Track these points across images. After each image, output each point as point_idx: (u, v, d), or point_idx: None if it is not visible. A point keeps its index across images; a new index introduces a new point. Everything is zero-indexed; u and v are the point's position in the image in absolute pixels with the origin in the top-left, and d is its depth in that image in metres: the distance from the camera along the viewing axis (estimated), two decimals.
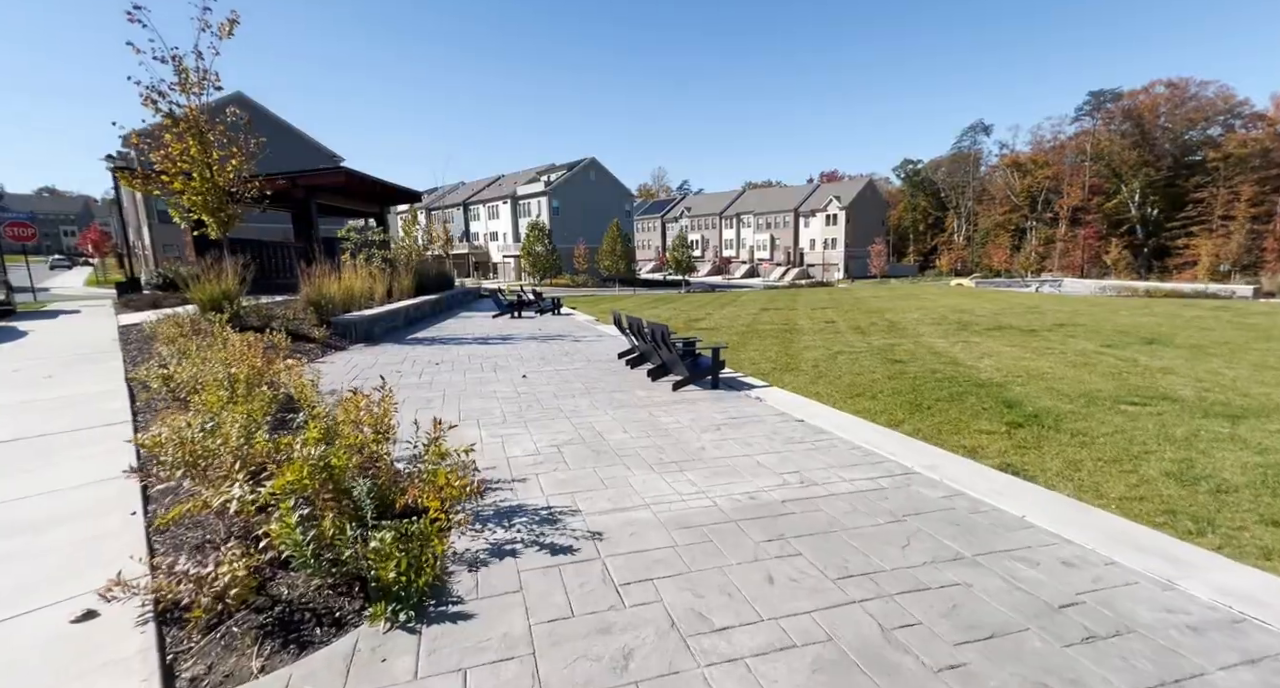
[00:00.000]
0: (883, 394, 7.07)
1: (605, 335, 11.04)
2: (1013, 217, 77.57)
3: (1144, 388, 6.96)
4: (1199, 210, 61.90)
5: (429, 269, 18.73)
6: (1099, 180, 69.95)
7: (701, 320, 17.05)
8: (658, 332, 6.39)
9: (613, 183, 62.65)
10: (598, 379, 6.82)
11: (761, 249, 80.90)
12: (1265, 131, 60.62)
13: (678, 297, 33.40)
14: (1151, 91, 68.01)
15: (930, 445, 4.24)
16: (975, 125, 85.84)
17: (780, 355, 10.17)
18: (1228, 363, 8.79)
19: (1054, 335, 12.41)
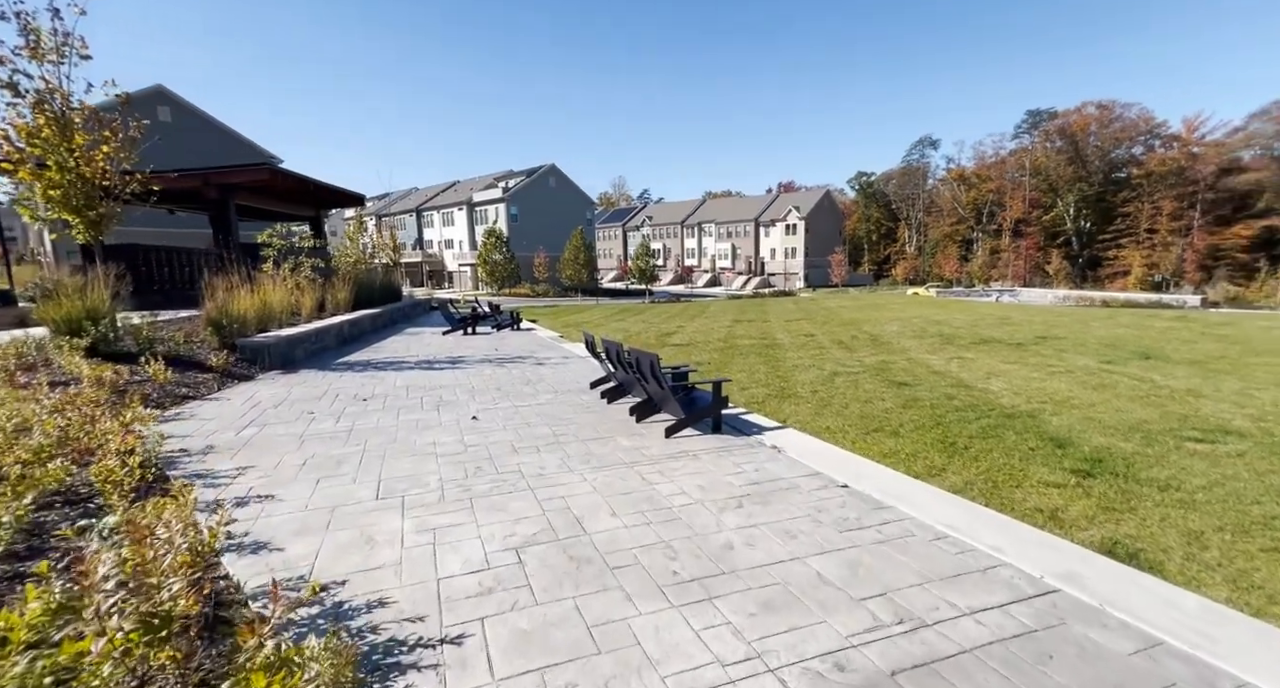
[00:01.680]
0: (905, 429, 6.01)
1: (573, 356, 9.67)
2: (960, 228, 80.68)
3: (1193, 418, 6.16)
4: (1127, 224, 65.82)
5: (372, 279, 16.84)
6: (1038, 194, 73.58)
7: (674, 334, 15.89)
8: (645, 362, 5.10)
9: (573, 190, 61.30)
10: (568, 420, 5.46)
11: (723, 258, 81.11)
12: (1180, 151, 65.15)
13: (643, 307, 32.27)
14: (1083, 112, 72.23)
15: (1032, 529, 3.11)
16: (923, 140, 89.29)
17: (771, 377, 9.06)
18: (1244, 381, 8.25)
19: (1044, 350, 11.86)
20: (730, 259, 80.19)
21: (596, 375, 7.76)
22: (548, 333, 13.70)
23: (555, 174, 59.75)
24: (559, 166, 59.83)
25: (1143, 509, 3.93)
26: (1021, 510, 3.95)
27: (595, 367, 8.43)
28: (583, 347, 10.37)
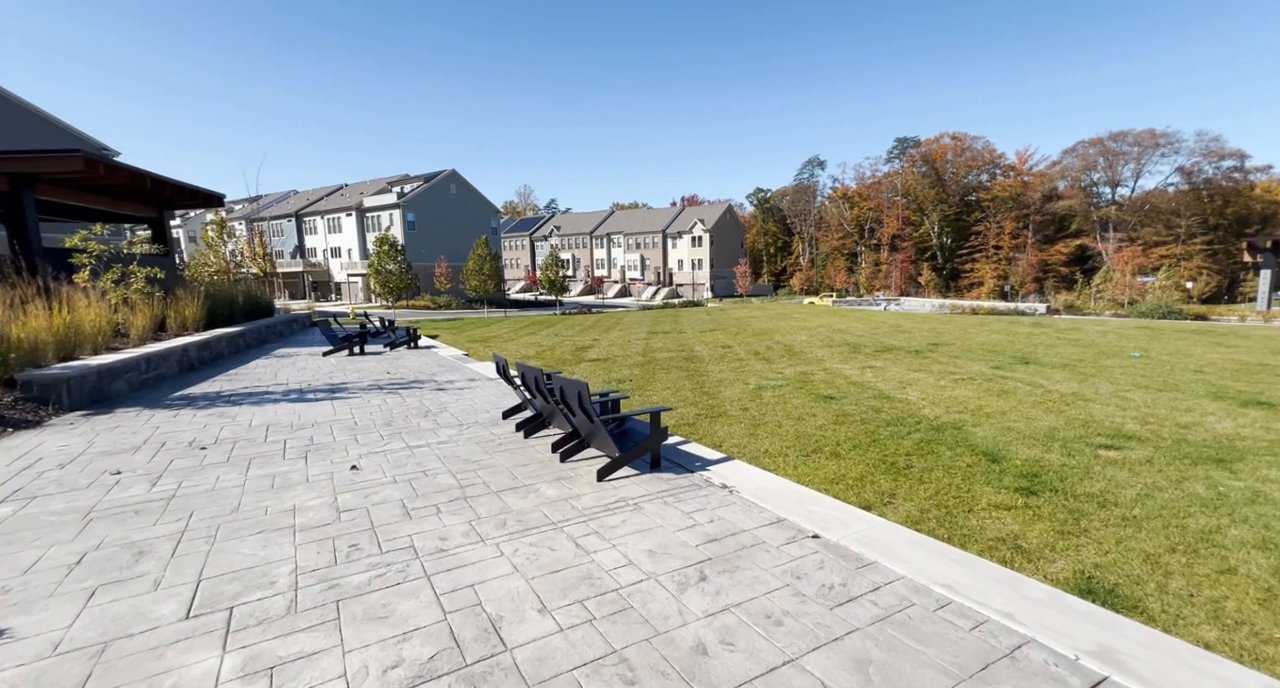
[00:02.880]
0: (844, 449, 5.73)
1: (480, 378, 8.58)
2: (846, 242, 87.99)
3: (1093, 424, 6.51)
4: (979, 240, 75.34)
5: (234, 292, 14.36)
6: (909, 213, 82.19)
7: (590, 349, 15.12)
8: (571, 392, 4.31)
9: (476, 197, 58.61)
10: (477, 464, 4.51)
11: (632, 269, 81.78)
12: (1015, 180, 76.00)
13: (555, 319, 31.15)
14: (941, 142, 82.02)
15: (1031, 581, 2.74)
16: (812, 160, 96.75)
17: (698, 395, 8.60)
18: (1112, 383, 9.11)
19: (940, 357, 12.60)
20: (640, 270, 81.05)
21: (509, 401, 6.81)
22: (451, 351, 12.35)
23: (456, 180, 56.77)
24: (460, 172, 56.94)
25: (1094, 530, 3.82)
26: (984, 542, 3.67)
27: (507, 390, 7.45)
28: (492, 366, 9.31)
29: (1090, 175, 72.34)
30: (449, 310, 42.24)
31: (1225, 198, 64.20)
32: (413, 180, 56.24)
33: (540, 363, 12.59)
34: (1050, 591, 2.53)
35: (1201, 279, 50.54)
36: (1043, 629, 2.23)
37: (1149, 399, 7.84)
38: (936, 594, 2.52)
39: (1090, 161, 71.15)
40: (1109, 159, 70.10)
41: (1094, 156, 70.71)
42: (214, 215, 25.96)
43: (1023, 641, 2.18)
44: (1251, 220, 63.46)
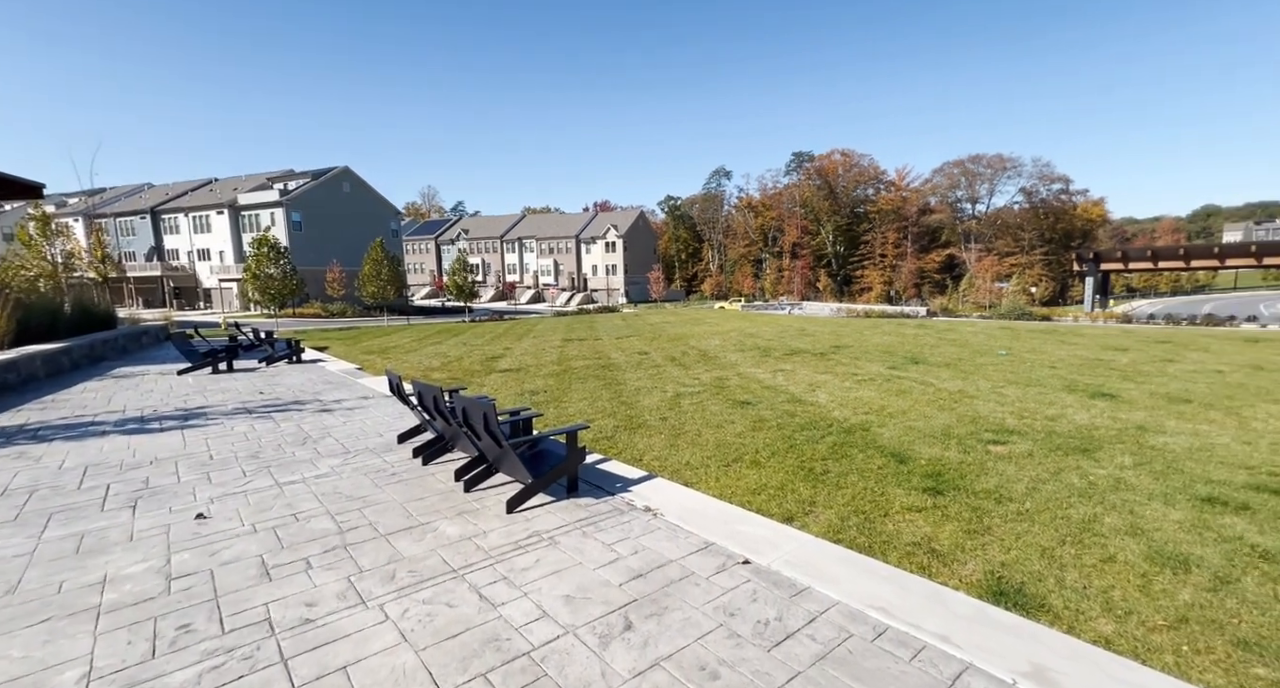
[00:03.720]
0: (763, 457, 5.70)
1: (375, 396, 7.69)
2: (752, 249, 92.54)
3: (980, 420, 7.03)
4: (867, 249, 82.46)
5: (55, 301, 11.95)
6: (807, 223, 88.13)
7: (502, 358, 14.35)
8: (476, 414, 3.83)
9: (374, 197, 54.51)
10: (364, 501, 3.88)
11: (546, 274, 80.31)
12: (895, 195, 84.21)
13: (463, 326, 29.55)
14: (832, 157, 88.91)
15: (956, 594, 2.72)
16: (719, 170, 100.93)
17: (616, 405, 8.31)
18: (989, 380, 10.04)
19: (842, 358, 13.33)
20: (553, 275, 79.78)
21: (406, 421, 6.10)
22: (341, 365, 11.10)
23: (349, 178, 52.43)
24: (354, 170, 52.68)
25: (995, 528, 4.00)
26: (903, 548, 3.70)
27: (405, 409, 6.70)
28: (388, 384, 8.44)
29: (955, 192, 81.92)
30: (343, 319, 38.71)
31: (1056, 215, 75.51)
32: (299, 177, 51.13)
33: (447, 375, 11.69)
34: (976, 604, 2.51)
35: (1042, 285, 58.79)
36: (978, 651, 2.16)
37: (1020, 394, 8.70)
38: (872, 621, 2.39)
39: (955, 180, 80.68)
40: (969, 179, 79.90)
41: (957, 176, 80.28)
42: (33, 209, 21.73)
43: (962, 668, 2.08)
44: (1075, 235, 75.20)
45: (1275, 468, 5.14)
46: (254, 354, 11.61)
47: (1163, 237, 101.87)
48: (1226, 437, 6.21)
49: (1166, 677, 2.09)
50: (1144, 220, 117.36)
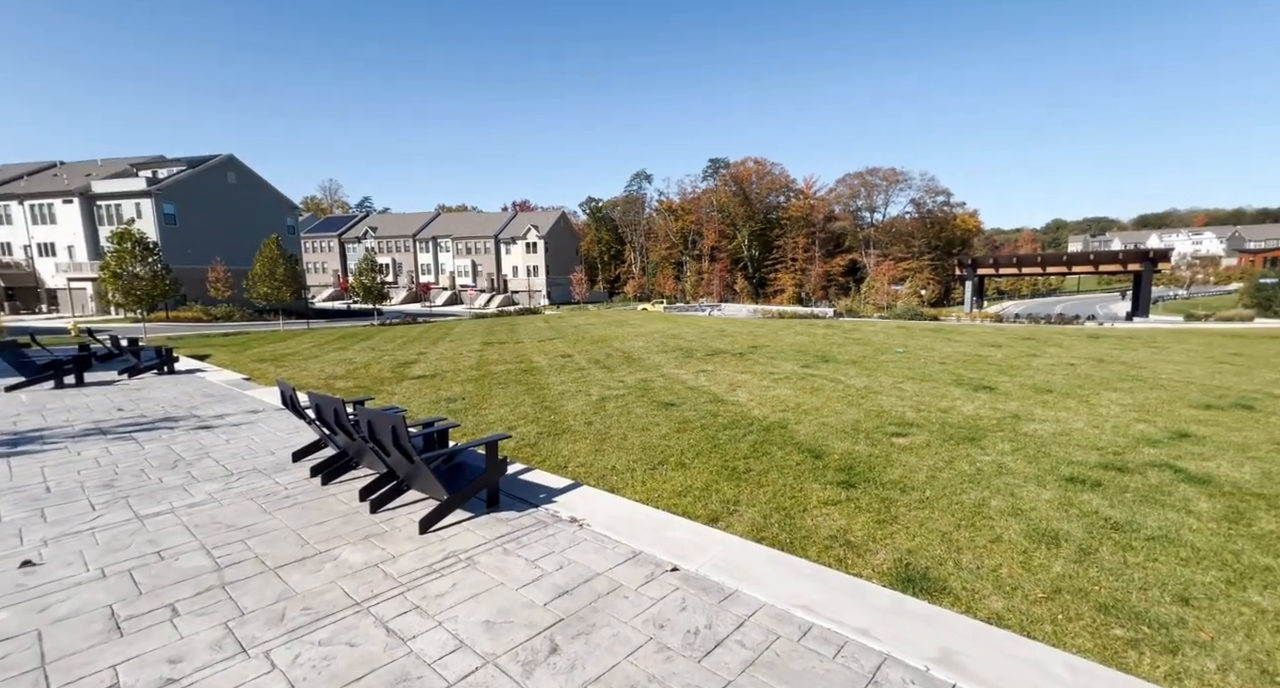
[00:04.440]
0: (688, 458, 5.75)
1: (266, 409, 6.92)
2: (673, 252, 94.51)
3: (884, 414, 7.54)
4: (779, 254, 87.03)
5: None
6: (724, 227, 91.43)
7: (415, 364, 13.51)
8: (383, 427, 3.51)
9: (265, 190, 49.56)
10: (250, 530, 3.42)
11: (463, 275, 77.16)
12: (804, 202, 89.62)
13: (372, 330, 27.59)
14: (746, 164, 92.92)
15: (877, 587, 2.84)
16: (640, 173, 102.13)
17: (539, 410, 8.07)
18: (890, 376, 10.86)
19: (760, 358, 13.88)
20: (471, 276, 76.81)
21: (304, 437, 5.52)
22: (225, 375, 9.91)
23: (235, 168, 47.29)
24: (240, 159, 47.60)
25: (902, 516, 4.27)
26: (821, 542, 3.85)
27: (302, 424, 6.07)
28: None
29: (856, 201, 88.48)
30: (230, 323, 34.80)
31: (940, 225, 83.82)
32: (171, 164, 45.30)
33: (353, 383, 10.80)
34: (893, 596, 2.63)
35: (930, 288, 65.07)
36: (895, 642, 2.25)
37: (917, 389, 9.49)
38: (798, 620, 2.43)
39: (855, 190, 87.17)
40: (867, 189, 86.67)
41: (857, 186, 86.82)
42: None
43: (881, 659, 2.17)
44: (956, 243, 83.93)
45: (1118, 448, 5.95)
46: (113, 365, 10.09)
47: (1024, 246, 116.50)
48: (1080, 422, 7.11)
49: (1048, 647, 2.30)
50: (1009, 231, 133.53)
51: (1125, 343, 17.24)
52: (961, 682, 2.04)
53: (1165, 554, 3.56)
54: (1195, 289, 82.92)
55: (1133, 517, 4.13)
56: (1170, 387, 9.46)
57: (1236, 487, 4.71)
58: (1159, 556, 3.55)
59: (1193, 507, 4.30)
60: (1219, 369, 11.46)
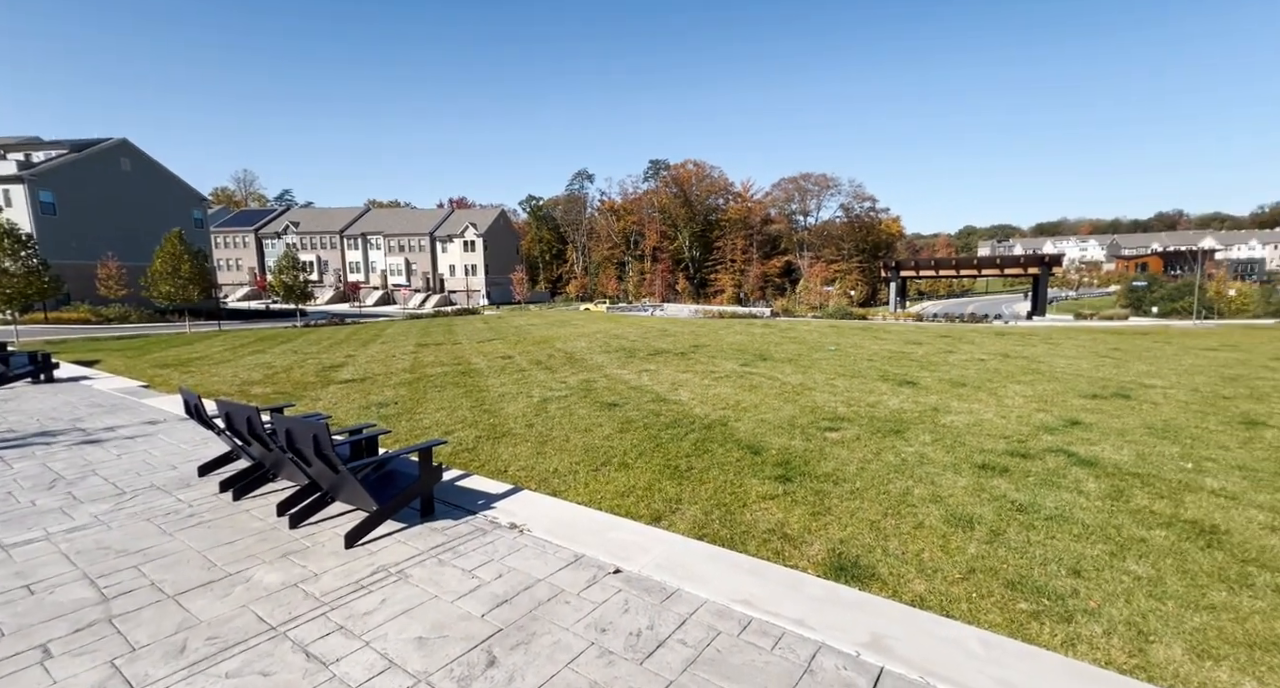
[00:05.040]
0: (631, 458, 5.75)
1: (169, 419, 6.28)
2: (615, 252, 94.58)
3: (818, 410, 7.87)
4: (719, 255, 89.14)
5: None
6: (665, 228, 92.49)
7: (343, 367, 12.74)
8: (304, 435, 3.26)
9: (167, 179, 45.10)
10: (145, 554, 3.08)
11: (397, 274, 73.63)
12: (742, 205, 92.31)
13: (294, 332, 25.78)
14: (686, 167, 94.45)
15: (813, 579, 2.94)
16: (581, 173, 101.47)
17: (478, 413, 7.82)
18: (823, 372, 11.36)
19: (701, 357, 14.13)
20: (405, 275, 73.43)
21: (212, 449, 5.05)
22: (118, 382, 8.91)
23: (130, 153, 42.72)
24: (135, 143, 43.08)
25: (834, 508, 4.47)
26: (760, 536, 3.95)
27: (212, 434, 5.56)
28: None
29: (790, 205, 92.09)
30: (126, 325, 31.40)
31: (867, 229, 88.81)
32: (50, 147, 40.28)
33: (272, 389, 10.02)
34: (826, 585, 2.74)
35: (859, 289, 68.87)
36: (829, 630, 2.34)
37: (848, 385, 9.99)
38: (738, 615, 2.47)
39: (790, 194, 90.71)
40: (801, 194, 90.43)
41: (792, 190, 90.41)
42: None
43: (816, 648, 2.24)
44: (881, 246, 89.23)
45: (1022, 436, 6.52)
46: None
47: (940, 250, 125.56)
48: (990, 413, 7.73)
49: (964, 625, 2.47)
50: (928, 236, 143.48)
51: (1026, 339, 18.93)
52: (889, 664, 2.14)
53: (1061, 532, 3.92)
54: (1082, 290, 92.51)
55: (1034, 499, 4.52)
56: (1063, 379, 10.46)
57: (1117, 468, 5.26)
58: (1056, 533, 3.90)
59: (1083, 488, 4.76)
60: (1102, 363, 12.81)
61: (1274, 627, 2.77)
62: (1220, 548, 3.65)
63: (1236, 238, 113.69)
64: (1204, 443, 6.10)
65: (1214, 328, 25.34)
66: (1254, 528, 3.95)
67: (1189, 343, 17.46)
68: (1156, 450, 5.81)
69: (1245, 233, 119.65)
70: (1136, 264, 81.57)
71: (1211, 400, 8.36)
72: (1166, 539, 3.78)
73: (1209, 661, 2.50)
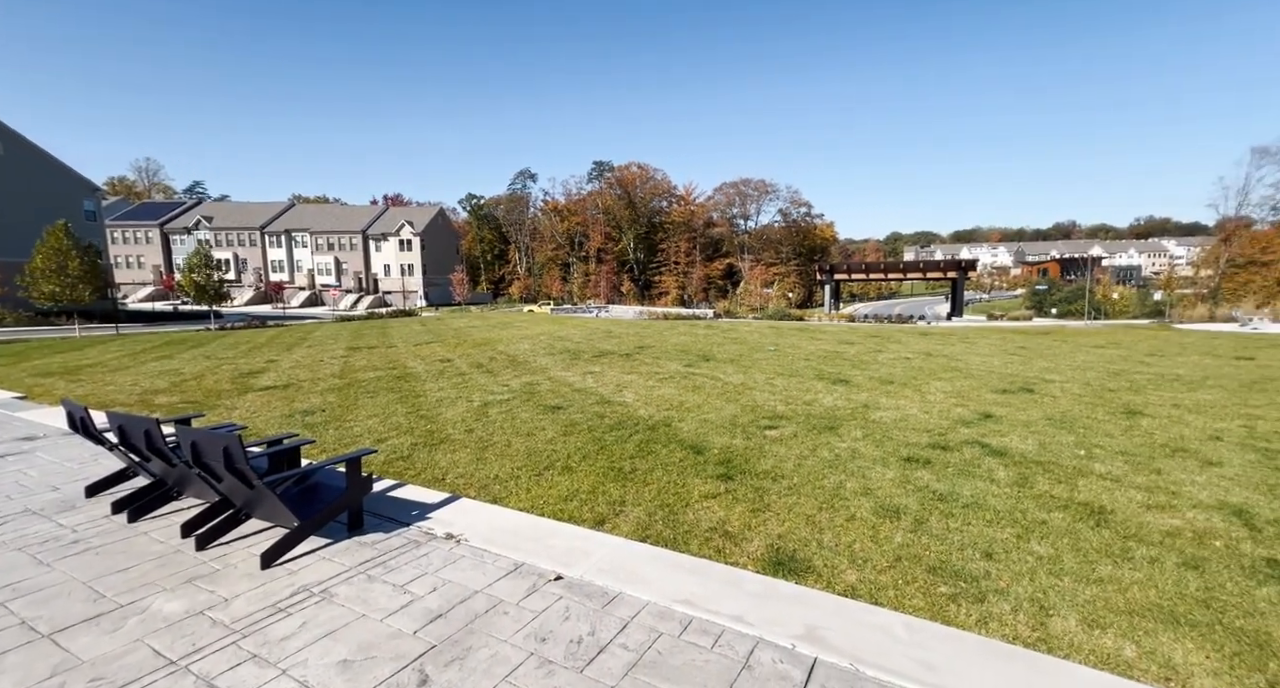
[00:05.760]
0: (574, 461, 5.69)
1: (48, 435, 5.59)
2: (559, 253, 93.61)
3: (758, 409, 8.09)
4: (663, 257, 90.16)
5: None
6: (610, 229, 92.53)
7: (263, 373, 11.86)
8: (213, 447, 2.98)
9: (49, 165, 40.33)
10: (16, 589, 2.72)
11: (326, 273, 69.44)
12: (685, 208, 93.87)
13: (208, 336, 23.74)
14: (630, 169, 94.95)
15: (750, 575, 3.00)
16: (524, 172, 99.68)
17: (414, 420, 7.50)
18: (763, 372, 11.71)
19: (645, 358, 14.22)
20: (335, 275, 69.39)
21: (104, 467, 4.54)
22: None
23: (6, 137, 37.95)
24: (9, 125, 38.27)
25: (773, 504, 4.60)
26: (702, 535, 4.01)
27: (103, 450, 5.00)
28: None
29: (732, 209, 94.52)
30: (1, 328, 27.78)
31: (803, 234, 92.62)
32: None
33: (179, 398, 9.17)
34: (764, 581, 2.81)
35: (797, 291, 71.59)
36: (766, 625, 2.40)
37: (786, 384, 10.35)
38: (679, 616, 2.49)
39: (731, 198, 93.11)
40: (741, 198, 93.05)
41: (733, 195, 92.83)
42: None
43: (754, 643, 2.29)
44: (816, 250, 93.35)
45: (942, 430, 6.98)
46: None
47: (870, 254, 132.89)
48: (915, 408, 8.24)
49: (891, 611, 2.61)
50: (859, 241, 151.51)
51: (946, 339, 20.36)
52: (823, 654, 2.22)
53: (976, 518, 4.23)
54: (994, 293, 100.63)
55: (953, 488, 4.85)
56: (978, 375, 11.32)
57: (1023, 457, 5.74)
58: (971, 520, 4.20)
59: (995, 476, 5.16)
60: (1011, 360, 13.96)
61: (1149, 595, 3.10)
62: (1107, 526, 4.05)
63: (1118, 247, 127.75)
64: (1094, 431, 6.76)
65: (1101, 328, 28.27)
66: (1134, 507, 4.41)
67: (1081, 341, 19.37)
68: (1055, 440, 6.39)
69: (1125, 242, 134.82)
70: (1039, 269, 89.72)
71: (1100, 393, 9.30)
72: (1063, 521, 4.16)
73: (1097, 629, 2.76)
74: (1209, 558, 3.57)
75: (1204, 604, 3.01)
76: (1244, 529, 4.01)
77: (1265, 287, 39.49)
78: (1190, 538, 3.87)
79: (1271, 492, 4.75)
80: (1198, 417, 7.53)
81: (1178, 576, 3.33)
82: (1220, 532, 3.96)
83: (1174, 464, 5.51)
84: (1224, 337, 21.06)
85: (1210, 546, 3.75)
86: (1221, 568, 3.42)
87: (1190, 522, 4.14)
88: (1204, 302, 36.66)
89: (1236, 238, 43.76)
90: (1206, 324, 27.62)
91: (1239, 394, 9.16)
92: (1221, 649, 2.60)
